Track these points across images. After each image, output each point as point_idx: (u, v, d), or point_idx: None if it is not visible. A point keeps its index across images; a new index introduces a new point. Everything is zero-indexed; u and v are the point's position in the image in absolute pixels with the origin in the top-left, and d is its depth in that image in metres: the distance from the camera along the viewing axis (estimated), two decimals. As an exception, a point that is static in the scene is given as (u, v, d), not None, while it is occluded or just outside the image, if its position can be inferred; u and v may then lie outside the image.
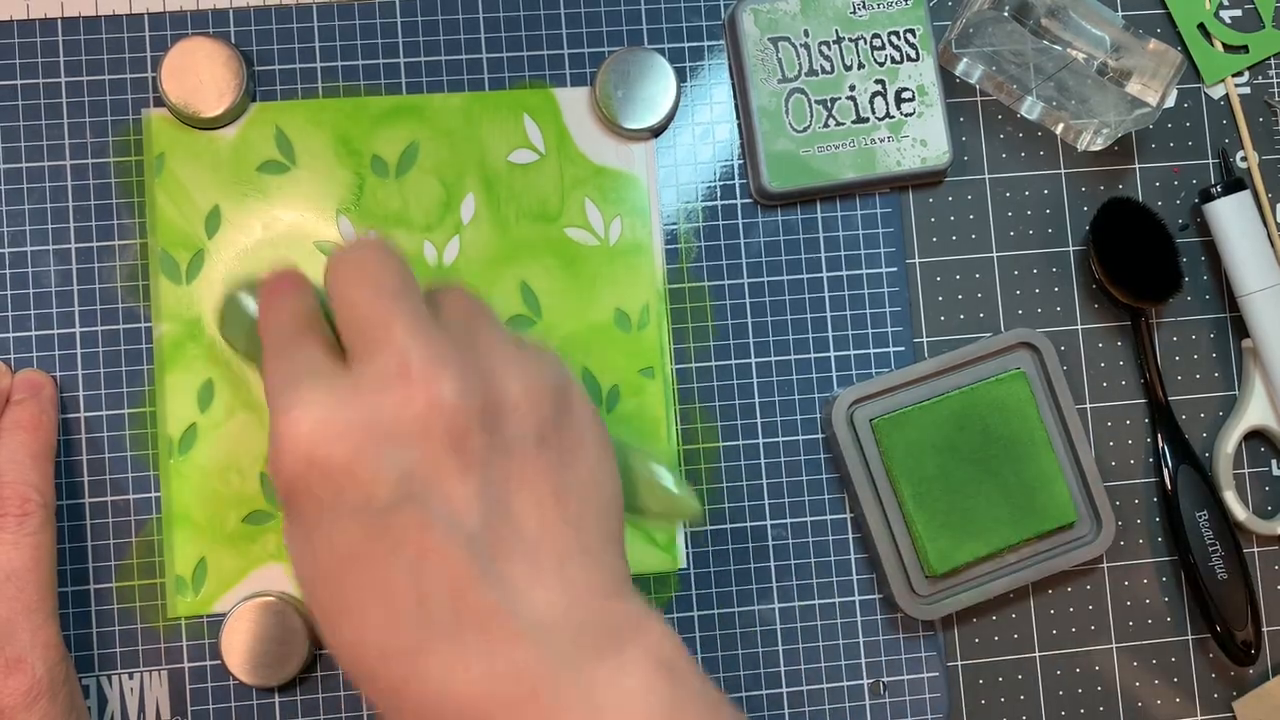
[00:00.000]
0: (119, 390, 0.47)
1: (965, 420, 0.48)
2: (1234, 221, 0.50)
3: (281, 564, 0.47)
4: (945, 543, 0.48)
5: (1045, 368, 0.49)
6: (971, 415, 0.48)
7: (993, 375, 0.49)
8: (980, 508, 0.48)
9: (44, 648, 0.42)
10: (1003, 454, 0.48)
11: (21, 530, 0.42)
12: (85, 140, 0.48)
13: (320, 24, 0.49)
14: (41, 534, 0.43)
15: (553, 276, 0.49)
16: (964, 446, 0.48)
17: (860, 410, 0.49)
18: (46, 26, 0.48)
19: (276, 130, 0.49)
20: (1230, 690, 0.51)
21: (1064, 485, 0.49)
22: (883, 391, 0.49)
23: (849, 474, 0.48)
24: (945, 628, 0.50)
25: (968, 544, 0.48)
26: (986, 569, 0.49)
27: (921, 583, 0.48)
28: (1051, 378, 0.49)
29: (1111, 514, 0.49)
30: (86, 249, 0.48)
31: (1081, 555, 0.49)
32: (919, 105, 0.49)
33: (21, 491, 0.43)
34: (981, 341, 0.49)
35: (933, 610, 0.48)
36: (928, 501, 0.48)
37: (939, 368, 0.49)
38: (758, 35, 0.49)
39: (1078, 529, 0.49)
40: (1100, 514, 0.49)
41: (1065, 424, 0.49)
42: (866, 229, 0.50)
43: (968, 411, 0.48)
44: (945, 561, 0.48)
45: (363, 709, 0.47)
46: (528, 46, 0.50)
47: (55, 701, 0.41)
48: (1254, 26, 0.53)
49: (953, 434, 0.48)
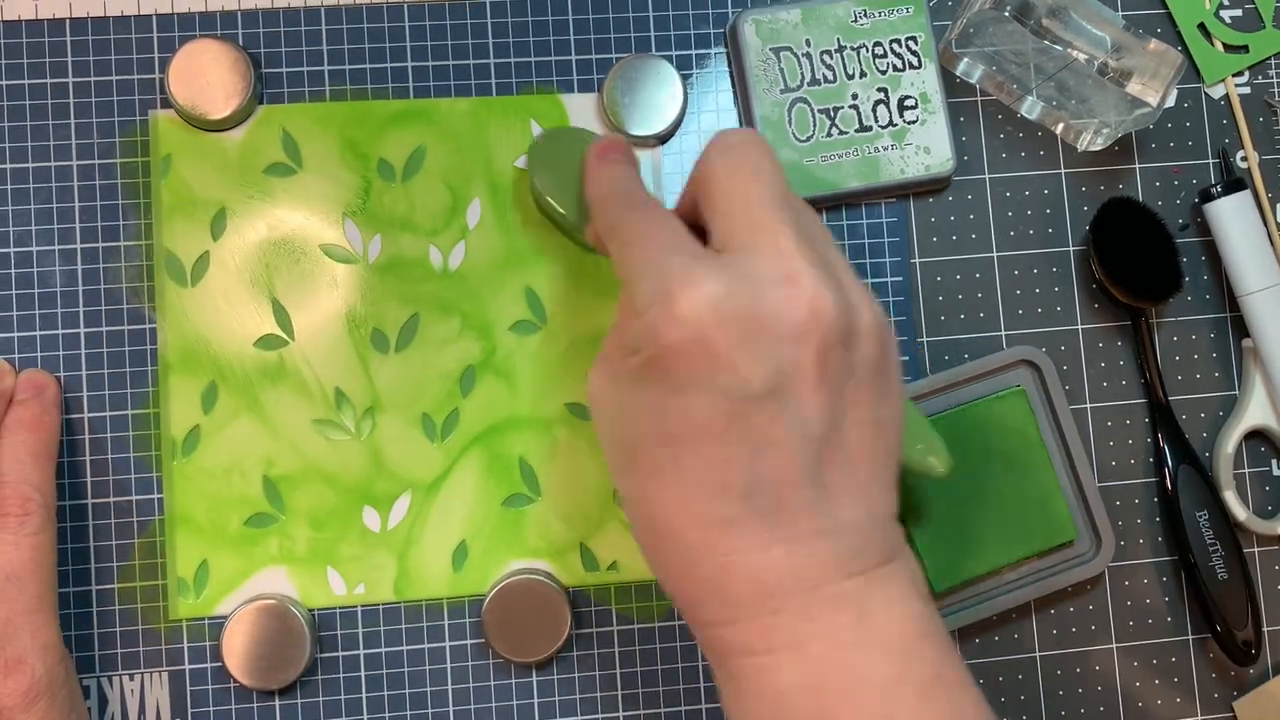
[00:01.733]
0: (123, 391, 0.46)
1: (965, 437, 0.47)
2: (1234, 221, 0.49)
3: (283, 566, 0.46)
4: (945, 560, 0.47)
5: (1045, 385, 0.48)
6: (971, 432, 0.47)
7: (993, 393, 0.48)
8: (980, 525, 0.47)
9: (44, 648, 0.41)
10: (1002, 471, 0.47)
11: (22, 530, 0.41)
12: (92, 141, 0.47)
13: (328, 27, 0.48)
14: (42, 534, 0.42)
15: (557, 282, 0.48)
16: (964, 464, 0.47)
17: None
18: (55, 27, 0.47)
19: (283, 133, 0.47)
20: (1230, 690, 0.50)
21: (1063, 503, 0.48)
22: (883, 407, 0.48)
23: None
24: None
25: (967, 562, 0.47)
26: (986, 587, 0.48)
27: (922, 600, 0.47)
28: (1051, 395, 0.48)
29: (1112, 532, 0.48)
30: (92, 249, 0.47)
31: (1081, 573, 0.48)
32: (922, 113, 0.49)
33: (23, 491, 0.42)
34: (982, 359, 0.48)
35: (934, 625, 0.47)
36: (927, 519, 0.47)
37: (939, 384, 0.48)
38: (759, 45, 0.48)
39: (1077, 547, 0.48)
40: (1100, 532, 0.48)
41: (1065, 441, 0.48)
42: (872, 238, 0.49)
43: (968, 429, 0.47)
44: (945, 579, 0.47)
45: (363, 712, 0.46)
46: (535, 52, 0.49)
47: (55, 702, 0.40)
48: (1254, 26, 0.52)
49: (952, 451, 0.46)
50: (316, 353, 0.47)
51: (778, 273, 0.34)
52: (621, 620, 0.47)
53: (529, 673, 0.47)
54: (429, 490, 0.47)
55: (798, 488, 0.34)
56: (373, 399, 0.47)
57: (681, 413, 0.34)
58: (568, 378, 0.48)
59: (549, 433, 0.48)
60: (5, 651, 0.40)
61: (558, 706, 0.47)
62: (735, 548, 0.34)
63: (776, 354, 0.33)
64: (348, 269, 0.47)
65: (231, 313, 0.47)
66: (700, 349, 0.33)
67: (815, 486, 0.34)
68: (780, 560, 0.34)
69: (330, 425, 0.47)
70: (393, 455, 0.47)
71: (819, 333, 0.33)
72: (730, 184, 0.36)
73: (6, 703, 0.39)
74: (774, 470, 0.33)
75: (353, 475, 0.47)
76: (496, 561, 0.47)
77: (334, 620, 0.46)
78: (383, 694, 0.46)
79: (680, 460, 0.34)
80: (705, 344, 0.33)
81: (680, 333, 0.33)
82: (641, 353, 0.34)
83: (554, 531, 0.47)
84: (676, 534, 0.34)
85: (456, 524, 0.47)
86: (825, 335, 0.33)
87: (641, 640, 0.47)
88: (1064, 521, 0.48)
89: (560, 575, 0.47)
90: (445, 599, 0.47)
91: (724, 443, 0.33)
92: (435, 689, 0.46)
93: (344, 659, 0.46)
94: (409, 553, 0.47)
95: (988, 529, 0.47)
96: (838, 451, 0.34)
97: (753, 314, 0.33)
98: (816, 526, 0.34)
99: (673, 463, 0.34)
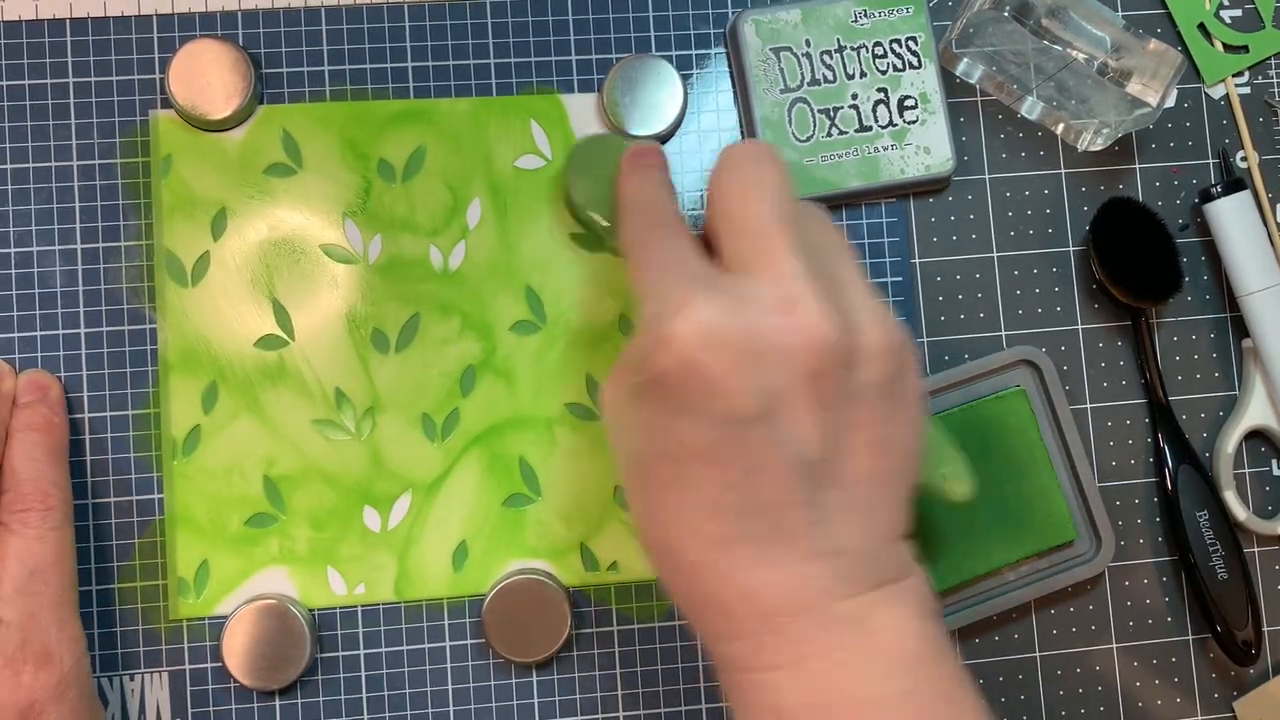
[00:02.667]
0: (123, 392, 0.46)
1: (965, 437, 0.46)
2: (1234, 221, 0.48)
3: (284, 566, 0.46)
4: (944, 560, 0.46)
5: (1045, 385, 0.48)
6: (971, 432, 0.47)
7: (993, 392, 0.47)
8: (980, 525, 0.46)
9: (70, 641, 0.41)
10: (1002, 471, 0.47)
11: (44, 525, 0.41)
12: (92, 141, 0.46)
13: (329, 27, 0.47)
14: (63, 529, 0.42)
15: (558, 282, 0.47)
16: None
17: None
18: (55, 27, 0.47)
19: (284, 133, 0.47)
20: (1230, 690, 0.49)
21: (1063, 503, 0.47)
22: (883, 407, 0.47)
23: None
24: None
25: (967, 561, 0.46)
26: (985, 586, 0.47)
27: (922, 600, 0.47)
28: (1052, 395, 0.48)
29: (1111, 532, 0.47)
30: (92, 250, 0.46)
31: (1081, 573, 0.47)
32: (922, 113, 0.48)
33: (42, 487, 0.42)
34: (982, 359, 0.48)
35: (934, 625, 0.46)
36: (927, 519, 0.46)
37: (939, 384, 0.47)
38: (759, 46, 0.47)
39: (1077, 547, 0.48)
40: (1100, 532, 0.47)
41: (1065, 441, 0.48)
42: (872, 238, 0.49)
43: (968, 429, 0.47)
44: (944, 579, 0.46)
45: (363, 712, 0.45)
46: (536, 52, 0.48)
47: (82, 694, 0.41)
48: (1254, 26, 0.51)
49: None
50: (317, 353, 0.46)
51: (775, 297, 0.33)
52: (622, 620, 0.47)
53: (529, 673, 0.46)
54: (429, 490, 0.46)
55: (795, 509, 0.33)
56: (373, 399, 0.46)
57: (676, 434, 0.33)
58: (568, 378, 0.47)
59: (549, 433, 0.47)
60: (34, 645, 0.40)
61: (558, 706, 0.46)
62: (734, 567, 0.33)
63: (768, 379, 0.33)
64: (348, 269, 0.47)
65: (232, 313, 0.46)
66: (692, 374, 0.32)
67: (813, 508, 0.33)
68: (778, 580, 0.33)
69: (330, 425, 0.46)
70: (393, 455, 0.46)
71: (812, 358, 0.33)
72: (733, 202, 0.35)
73: (39, 695, 0.39)
74: (769, 492, 0.33)
75: (353, 475, 0.46)
76: (497, 561, 0.46)
77: (334, 620, 0.46)
78: (383, 694, 0.46)
79: (679, 480, 0.34)
80: (696, 369, 0.32)
81: (672, 357, 0.33)
82: (642, 374, 0.34)
83: (554, 531, 0.47)
84: (678, 550, 0.34)
85: (457, 524, 0.46)
86: (820, 360, 0.33)
87: (641, 640, 0.47)
88: (1064, 522, 0.47)
89: (560, 575, 0.46)
90: (445, 599, 0.46)
91: (718, 465, 0.33)
92: (435, 689, 0.46)
93: (344, 659, 0.46)
94: (409, 553, 0.46)
95: (988, 529, 0.47)
96: (837, 473, 0.34)
97: (745, 340, 0.32)
98: (815, 548, 0.33)
99: (674, 481, 0.34)
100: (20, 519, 0.41)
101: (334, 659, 0.45)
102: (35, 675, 0.39)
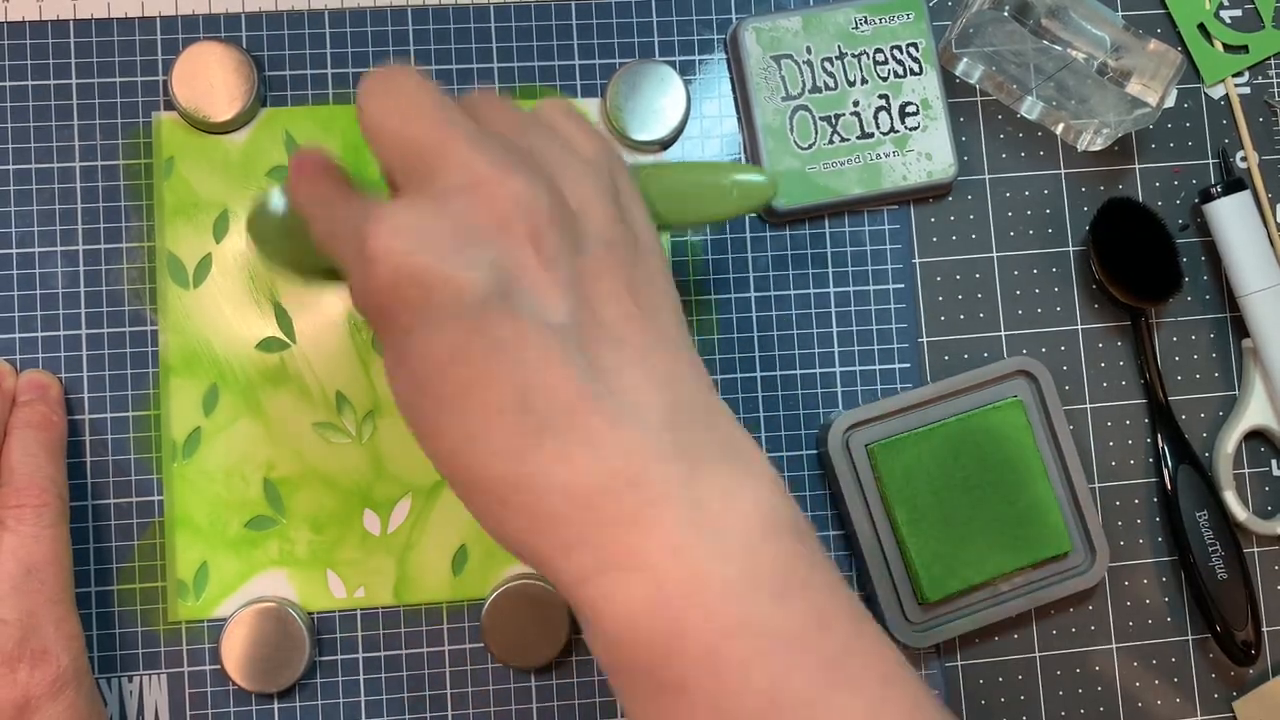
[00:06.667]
0: (124, 393, 0.43)
1: (961, 447, 0.44)
2: (1234, 221, 0.45)
3: (283, 569, 0.43)
4: (939, 570, 0.43)
5: (1042, 396, 0.45)
6: (968, 442, 0.44)
7: (990, 403, 0.44)
8: (975, 535, 0.44)
9: (68, 639, 0.39)
10: (998, 482, 0.44)
11: (41, 522, 0.39)
12: (95, 142, 0.43)
13: (332, 30, 0.45)
14: (59, 526, 0.40)
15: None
16: (959, 474, 0.44)
17: (856, 435, 0.44)
18: (58, 28, 0.44)
19: (286, 135, 0.44)
20: (1230, 690, 0.46)
21: (1059, 515, 0.44)
22: (879, 417, 0.44)
23: (844, 499, 0.44)
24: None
25: (961, 571, 0.43)
26: (979, 597, 0.44)
27: (914, 610, 0.44)
28: (1048, 406, 0.45)
29: (1106, 545, 0.45)
30: (94, 251, 0.43)
31: (1075, 585, 0.44)
32: (923, 119, 0.45)
33: (38, 482, 0.40)
34: (979, 369, 0.45)
35: (925, 638, 0.44)
36: (922, 528, 0.43)
37: (936, 394, 0.44)
38: (760, 53, 0.44)
39: (1072, 559, 0.45)
40: (1095, 544, 0.44)
41: (1061, 453, 0.45)
42: (874, 245, 0.46)
43: (964, 439, 0.44)
44: (939, 589, 0.43)
45: (362, 716, 0.42)
46: (538, 57, 0.45)
47: (80, 691, 0.38)
48: (1254, 26, 0.49)
49: (949, 461, 0.44)
50: (318, 356, 0.43)
51: (463, 180, 0.30)
52: (623, 622, 0.43)
53: (528, 678, 0.43)
54: (429, 494, 0.43)
55: (570, 382, 0.29)
56: (374, 402, 0.43)
57: (420, 350, 0.29)
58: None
59: (550, 434, 0.43)
60: (31, 643, 0.38)
61: (556, 712, 0.43)
62: (536, 473, 0.28)
63: (484, 254, 0.29)
64: (349, 270, 0.43)
65: (233, 315, 0.43)
66: (405, 281, 0.29)
67: (589, 372, 0.29)
68: (586, 464, 0.28)
69: (331, 428, 0.43)
70: (393, 459, 0.43)
71: (519, 218, 0.29)
72: (393, 128, 0.31)
73: (35, 692, 0.37)
74: (538, 372, 0.29)
75: (353, 478, 0.43)
76: (496, 566, 0.43)
77: (333, 623, 0.42)
78: (381, 698, 0.42)
79: (449, 400, 0.29)
80: (407, 274, 0.29)
81: (382, 277, 0.29)
82: (366, 309, 0.30)
83: (555, 533, 0.43)
84: (481, 477, 0.29)
85: (456, 528, 0.43)
86: (529, 219, 0.29)
87: (643, 642, 0.43)
88: (1059, 533, 0.44)
89: (561, 577, 0.43)
90: (445, 603, 0.43)
91: (473, 363, 0.29)
92: (434, 693, 0.43)
93: (343, 662, 0.42)
94: (409, 556, 0.43)
95: (983, 538, 0.44)
96: (596, 329, 0.30)
97: (447, 229, 0.29)
98: (611, 416, 0.29)
99: (445, 403, 0.29)
100: (16, 515, 0.39)
101: (333, 662, 0.42)
102: (31, 673, 0.37)
